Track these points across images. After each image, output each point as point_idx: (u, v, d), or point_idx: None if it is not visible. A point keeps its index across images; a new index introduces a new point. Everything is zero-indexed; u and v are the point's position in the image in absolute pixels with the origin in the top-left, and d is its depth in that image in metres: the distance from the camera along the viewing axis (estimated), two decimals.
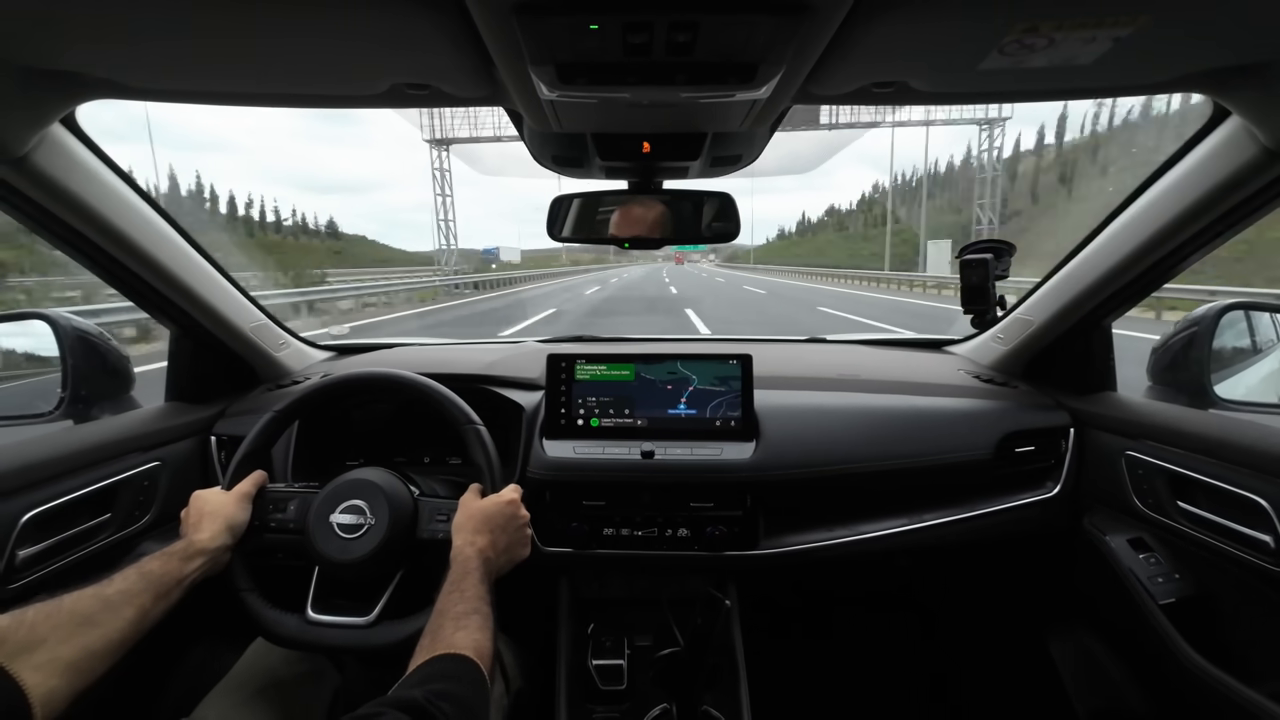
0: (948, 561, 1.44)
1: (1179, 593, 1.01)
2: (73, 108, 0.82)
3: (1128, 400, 1.21)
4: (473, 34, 0.58)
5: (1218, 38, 0.64)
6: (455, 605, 0.72)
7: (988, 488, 1.21)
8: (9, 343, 1.29)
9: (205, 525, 0.84)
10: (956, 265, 1.31)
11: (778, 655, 1.45)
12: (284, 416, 1.00)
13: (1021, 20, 0.57)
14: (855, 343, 1.73)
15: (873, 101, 0.81)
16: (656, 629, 1.19)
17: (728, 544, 1.13)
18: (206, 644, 1.23)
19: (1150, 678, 1.10)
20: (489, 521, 0.86)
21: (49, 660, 0.59)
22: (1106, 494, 1.16)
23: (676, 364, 1.22)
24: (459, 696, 0.58)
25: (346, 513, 0.87)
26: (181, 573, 0.77)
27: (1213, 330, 1.11)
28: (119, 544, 1.05)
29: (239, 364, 1.35)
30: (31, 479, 0.92)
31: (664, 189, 1.05)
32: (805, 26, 0.55)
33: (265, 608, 0.87)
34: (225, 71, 0.72)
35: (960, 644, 1.54)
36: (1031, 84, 0.75)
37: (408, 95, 0.77)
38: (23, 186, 0.84)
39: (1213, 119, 0.86)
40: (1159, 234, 0.98)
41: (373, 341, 1.69)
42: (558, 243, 1.13)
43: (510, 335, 1.72)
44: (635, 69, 0.62)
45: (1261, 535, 0.87)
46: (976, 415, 1.23)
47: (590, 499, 1.15)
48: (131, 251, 1.01)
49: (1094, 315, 1.18)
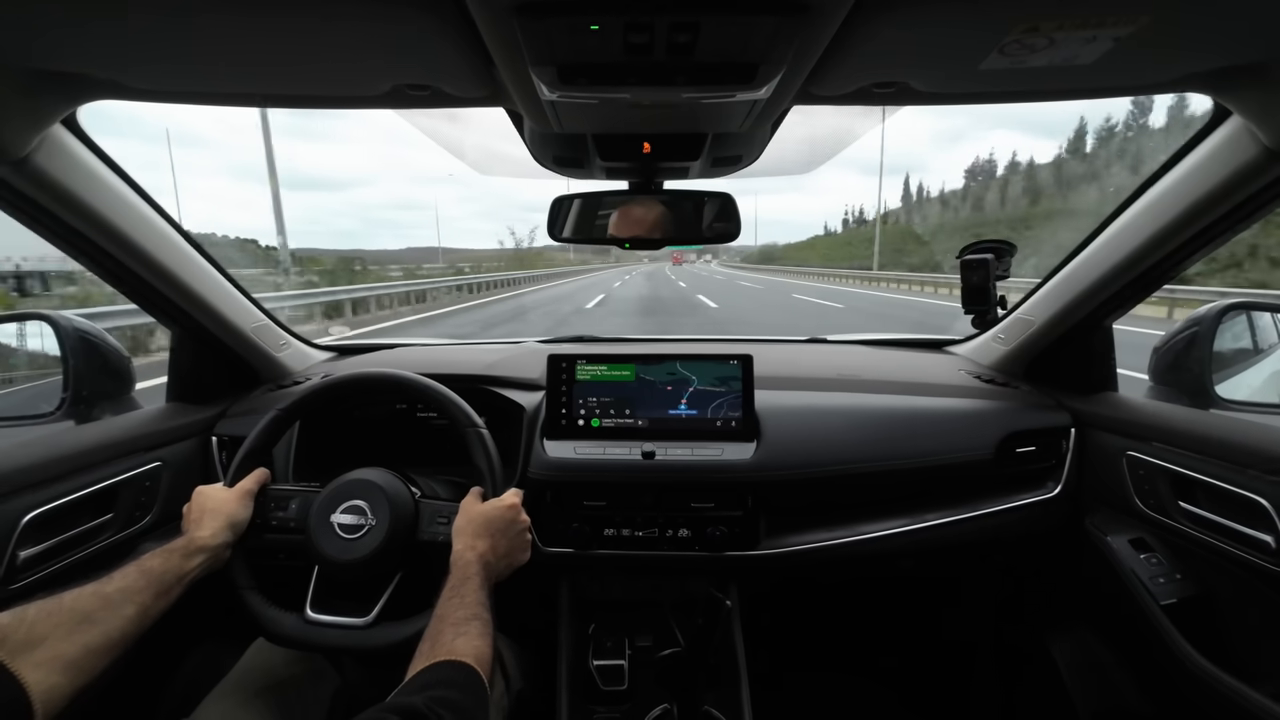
0: (948, 562, 1.44)
1: (1180, 593, 1.01)
2: (74, 108, 0.82)
3: (1129, 400, 1.21)
4: (473, 35, 0.58)
5: (1218, 38, 0.64)
6: (455, 611, 0.71)
7: (989, 488, 1.21)
8: (10, 343, 1.29)
9: (207, 522, 0.84)
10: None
11: (778, 655, 1.45)
12: (285, 416, 1.00)
13: (1022, 20, 0.57)
14: (856, 343, 1.72)
15: (873, 102, 0.81)
16: (657, 629, 1.19)
17: (728, 544, 1.13)
18: (207, 644, 1.23)
19: (1151, 678, 1.10)
20: (489, 526, 0.86)
21: (49, 658, 0.59)
22: (1108, 494, 1.16)
23: (677, 364, 1.22)
24: (459, 704, 0.58)
25: (347, 513, 0.87)
26: (182, 569, 0.77)
27: (1214, 330, 1.11)
28: (120, 544, 1.05)
29: (240, 364, 1.35)
30: (33, 479, 0.92)
31: (664, 189, 1.05)
32: (806, 27, 0.55)
33: (265, 606, 0.87)
34: (226, 72, 0.72)
35: (961, 644, 1.54)
36: (1032, 84, 0.75)
37: (409, 96, 0.77)
38: (24, 187, 0.84)
39: (1213, 119, 0.86)
40: (1160, 234, 0.98)
41: (374, 342, 1.69)
42: (557, 243, 1.13)
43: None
44: (636, 69, 0.62)
45: (1263, 535, 0.87)
46: (977, 415, 1.23)
47: (591, 499, 1.15)
48: (133, 252, 1.01)
49: (1095, 315, 1.18)
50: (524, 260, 47.91)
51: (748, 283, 26.45)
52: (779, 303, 15.78)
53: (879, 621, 1.59)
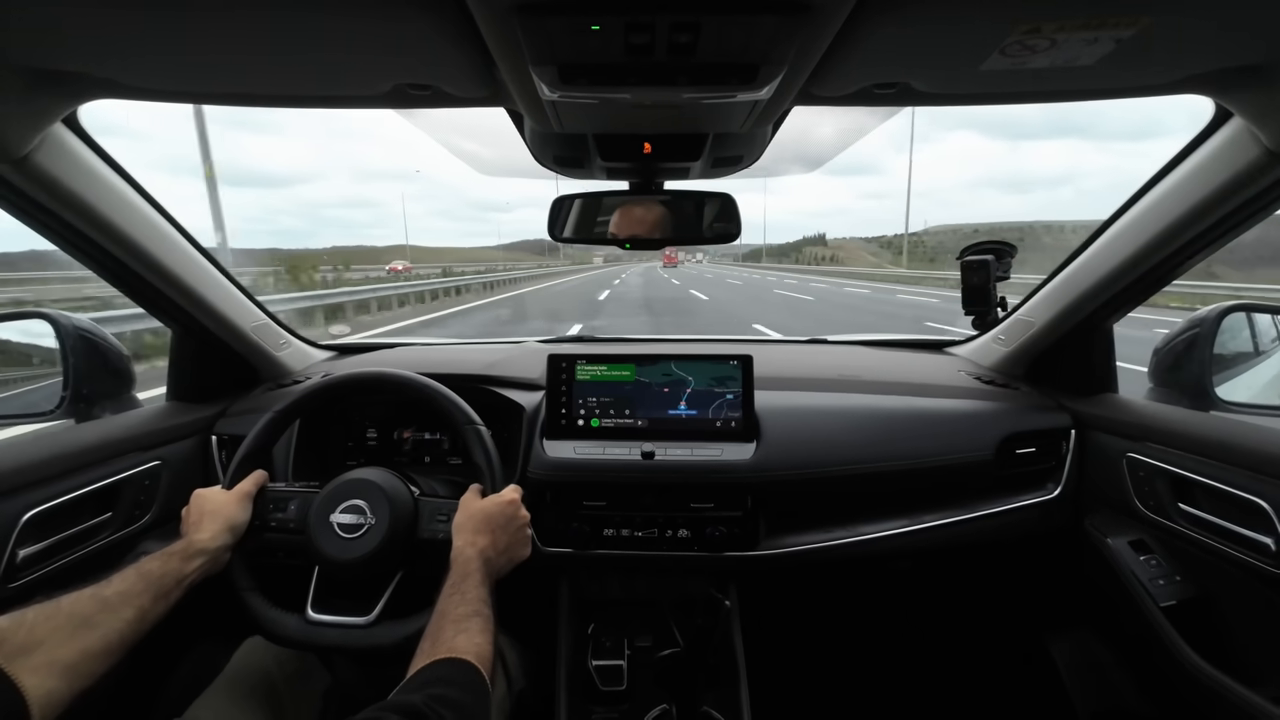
0: (948, 563, 1.44)
1: (1180, 594, 1.01)
2: (74, 108, 0.82)
3: (1129, 402, 1.21)
4: (474, 35, 0.58)
5: (1219, 39, 0.64)
6: (456, 608, 0.71)
7: (988, 489, 1.21)
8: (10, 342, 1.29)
9: (206, 525, 0.84)
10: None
11: (778, 656, 1.44)
12: (284, 416, 1.00)
13: (1023, 22, 0.57)
14: (856, 343, 1.72)
15: (874, 103, 0.81)
16: (657, 629, 1.19)
17: (728, 545, 1.13)
18: (205, 644, 1.23)
19: (1151, 680, 1.10)
20: (489, 521, 0.86)
21: (47, 662, 0.59)
22: (1107, 496, 1.16)
23: (677, 365, 1.22)
24: (459, 702, 0.58)
25: (347, 512, 0.87)
26: (181, 572, 0.77)
27: (1214, 332, 1.11)
28: (120, 543, 1.05)
29: (240, 363, 1.35)
30: (32, 478, 0.92)
31: (665, 189, 1.05)
32: (807, 27, 0.55)
33: (266, 607, 0.87)
34: (226, 72, 0.72)
35: (961, 645, 1.54)
36: (1033, 85, 0.75)
37: (409, 96, 0.77)
38: (25, 186, 0.84)
39: (1214, 120, 0.86)
40: (1161, 236, 0.98)
41: (374, 341, 1.69)
42: (558, 243, 1.13)
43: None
44: (637, 69, 0.62)
45: (1262, 537, 0.87)
46: (977, 416, 1.23)
47: (591, 499, 1.15)
48: (133, 251, 1.01)
49: (1095, 317, 1.18)
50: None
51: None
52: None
53: (879, 622, 1.59)
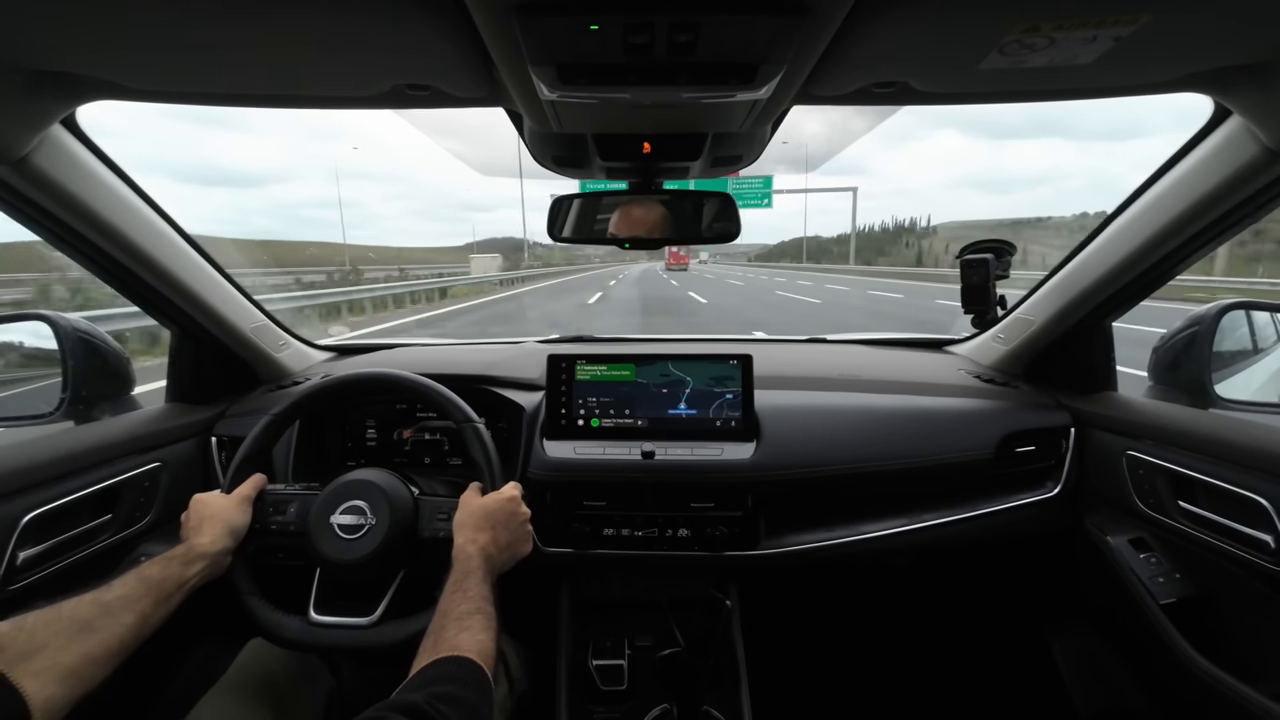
0: (948, 561, 1.44)
1: (1180, 592, 1.01)
2: (73, 109, 0.82)
3: (1128, 400, 1.21)
4: (473, 35, 0.58)
5: (1218, 38, 0.64)
6: (458, 606, 0.71)
7: (988, 488, 1.21)
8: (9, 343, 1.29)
9: (206, 529, 0.84)
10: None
11: (778, 655, 1.45)
12: (284, 417, 1.00)
13: (1022, 20, 0.57)
14: (856, 343, 1.73)
15: (873, 101, 0.81)
16: (657, 629, 1.19)
17: (728, 544, 1.13)
18: (208, 646, 1.23)
19: (1151, 677, 1.10)
20: (490, 518, 0.86)
21: (48, 667, 0.59)
22: (1107, 494, 1.16)
23: (677, 364, 1.22)
24: (462, 699, 0.58)
25: (347, 513, 0.87)
26: (182, 577, 0.77)
27: (1213, 330, 1.11)
28: (120, 545, 1.05)
29: (239, 365, 1.35)
30: (32, 480, 0.91)
31: (664, 189, 1.05)
32: (806, 27, 0.55)
33: (268, 611, 0.87)
34: (225, 73, 0.72)
35: (961, 644, 1.54)
36: (1032, 84, 0.75)
37: (408, 96, 0.77)
38: (23, 188, 0.84)
39: (1213, 119, 0.86)
40: (1160, 234, 0.98)
41: (373, 342, 1.69)
42: (557, 243, 1.13)
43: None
44: (636, 69, 0.62)
45: (1262, 535, 0.87)
46: (977, 415, 1.23)
47: (591, 499, 1.15)
48: (132, 253, 1.01)
49: (1095, 315, 1.18)
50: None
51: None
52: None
53: (879, 620, 1.59)
